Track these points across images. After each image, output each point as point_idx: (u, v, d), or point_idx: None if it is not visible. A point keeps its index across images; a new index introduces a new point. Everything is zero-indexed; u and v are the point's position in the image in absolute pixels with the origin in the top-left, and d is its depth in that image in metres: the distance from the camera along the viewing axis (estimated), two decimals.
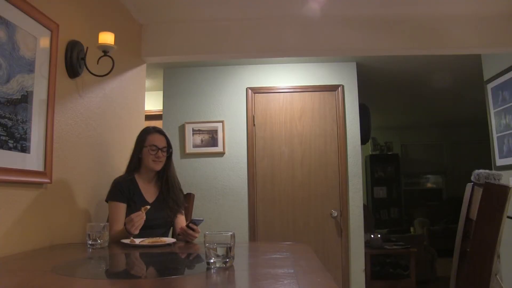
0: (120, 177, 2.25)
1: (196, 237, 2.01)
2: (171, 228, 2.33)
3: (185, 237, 2.02)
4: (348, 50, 3.18)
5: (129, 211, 2.14)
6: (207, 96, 4.05)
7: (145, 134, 2.26)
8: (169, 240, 1.96)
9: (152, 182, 2.27)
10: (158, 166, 2.22)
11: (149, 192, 2.24)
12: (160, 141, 2.22)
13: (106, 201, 2.19)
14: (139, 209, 2.03)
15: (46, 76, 1.90)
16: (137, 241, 1.88)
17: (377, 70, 4.29)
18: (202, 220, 2.00)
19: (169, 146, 2.26)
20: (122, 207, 2.13)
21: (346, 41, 3.05)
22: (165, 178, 2.26)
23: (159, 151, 2.19)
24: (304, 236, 3.80)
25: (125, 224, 1.96)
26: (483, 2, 2.84)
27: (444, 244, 4.95)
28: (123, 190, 2.15)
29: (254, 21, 3.06)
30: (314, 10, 2.87)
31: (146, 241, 1.89)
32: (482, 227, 1.03)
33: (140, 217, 1.91)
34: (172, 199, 2.24)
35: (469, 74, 4.19)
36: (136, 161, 2.24)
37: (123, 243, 1.87)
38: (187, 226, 1.99)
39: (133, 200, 2.17)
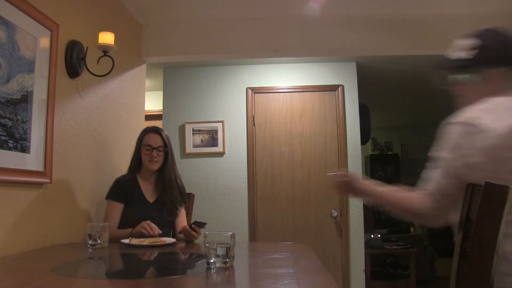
0: (122, 176, 2.27)
1: (197, 238, 2.01)
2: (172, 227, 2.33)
3: (186, 237, 2.02)
4: (348, 50, 3.18)
5: (129, 211, 2.15)
6: (207, 96, 4.05)
7: (142, 134, 2.28)
8: (169, 240, 1.96)
9: (152, 182, 2.28)
10: (155, 166, 2.21)
11: (150, 192, 2.25)
12: (155, 141, 2.21)
13: (106, 198, 2.20)
14: (138, 208, 2.04)
15: (46, 76, 1.90)
16: (136, 241, 1.88)
17: (377, 70, 4.29)
18: (206, 223, 1.99)
19: (165, 145, 2.23)
20: (118, 206, 2.15)
21: (346, 41, 3.05)
22: (164, 177, 2.25)
23: (154, 150, 2.19)
24: (304, 236, 3.79)
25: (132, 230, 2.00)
26: (483, 2, 2.84)
27: (444, 244, 4.95)
28: (122, 190, 2.17)
29: (254, 21, 3.06)
30: (314, 10, 2.87)
31: (146, 241, 1.88)
32: (482, 227, 1.02)
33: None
34: (168, 199, 2.22)
35: None
36: (136, 161, 2.26)
37: (122, 243, 1.88)
38: (190, 226, 1.99)
39: (132, 199, 2.17)
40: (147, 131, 2.28)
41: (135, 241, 1.88)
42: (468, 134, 1.16)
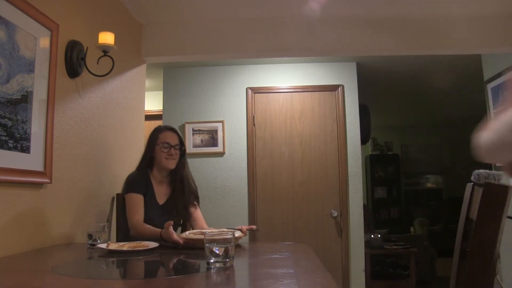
0: (134, 172, 2.21)
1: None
2: (179, 227, 2.30)
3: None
4: (348, 50, 3.18)
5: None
6: (207, 96, 4.05)
7: (157, 132, 2.22)
8: (152, 244, 1.75)
9: (164, 183, 2.23)
10: (171, 164, 2.17)
11: (161, 193, 2.20)
12: (172, 138, 2.18)
13: (123, 196, 2.15)
14: (147, 209, 2.03)
15: (46, 76, 1.90)
16: (116, 245, 1.72)
17: (377, 70, 4.29)
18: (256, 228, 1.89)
19: (181, 143, 2.22)
20: (140, 198, 2.09)
21: (346, 41, 3.05)
22: (180, 177, 2.22)
23: (172, 148, 2.16)
24: (304, 236, 3.79)
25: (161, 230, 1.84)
26: (483, 2, 2.83)
27: (444, 244, 4.95)
28: (139, 182, 2.12)
29: (254, 21, 3.06)
30: (314, 10, 2.87)
31: (126, 245, 1.72)
32: (482, 227, 1.03)
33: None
34: (182, 200, 2.18)
35: (469, 74, 4.18)
36: (148, 160, 2.20)
37: (100, 248, 1.71)
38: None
39: (144, 198, 2.12)
40: (161, 129, 2.23)
41: (113, 245, 1.72)
42: None
